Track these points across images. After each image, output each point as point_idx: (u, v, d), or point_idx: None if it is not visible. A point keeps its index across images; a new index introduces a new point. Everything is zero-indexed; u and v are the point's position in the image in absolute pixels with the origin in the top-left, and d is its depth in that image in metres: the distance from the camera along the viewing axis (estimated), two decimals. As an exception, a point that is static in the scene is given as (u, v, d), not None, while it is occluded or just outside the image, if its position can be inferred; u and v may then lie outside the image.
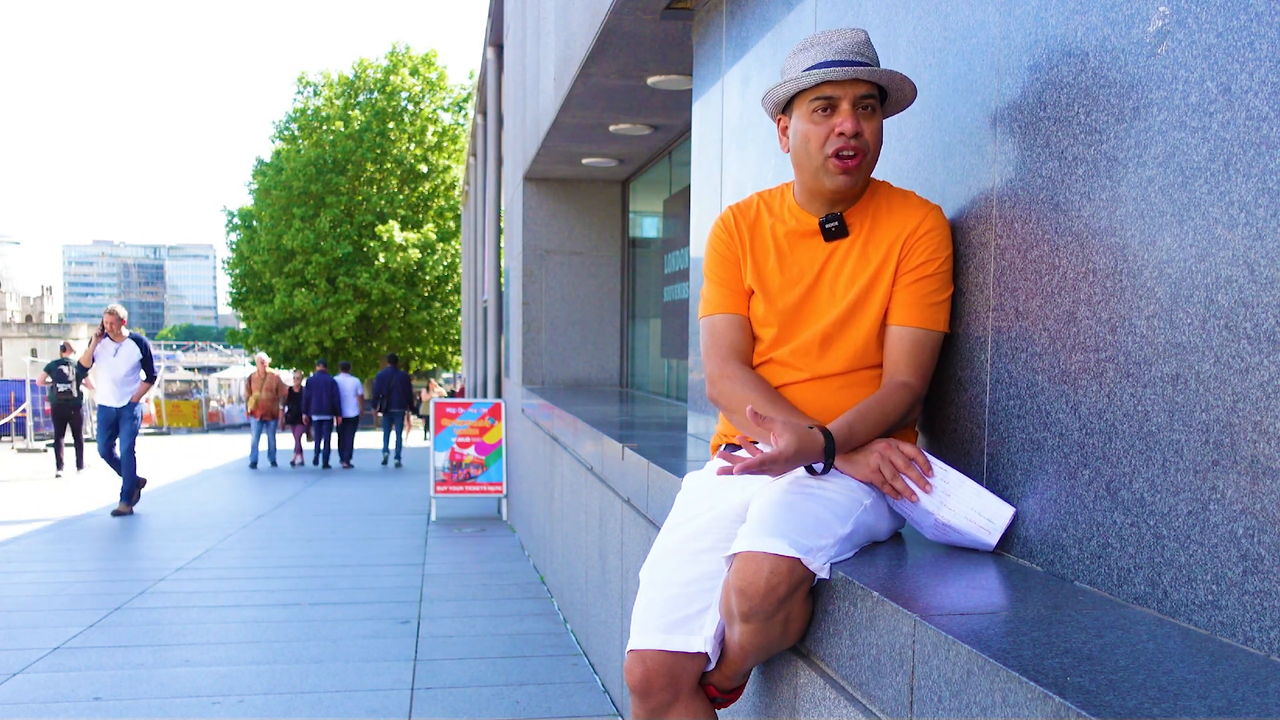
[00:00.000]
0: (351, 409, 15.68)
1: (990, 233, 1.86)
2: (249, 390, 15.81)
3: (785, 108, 1.98)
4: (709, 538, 1.92)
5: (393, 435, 15.95)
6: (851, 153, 1.87)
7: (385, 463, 15.76)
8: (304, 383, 16.00)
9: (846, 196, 1.95)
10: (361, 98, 31.66)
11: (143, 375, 9.29)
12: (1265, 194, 1.24)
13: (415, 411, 19.74)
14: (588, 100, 5.96)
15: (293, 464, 15.67)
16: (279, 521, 9.54)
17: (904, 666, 1.46)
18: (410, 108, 31.89)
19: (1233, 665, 1.21)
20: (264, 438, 15.61)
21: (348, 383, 15.82)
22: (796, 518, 1.72)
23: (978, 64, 1.91)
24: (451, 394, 24.73)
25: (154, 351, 9.74)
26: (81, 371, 14.38)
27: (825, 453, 1.79)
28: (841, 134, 1.86)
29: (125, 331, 9.25)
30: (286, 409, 15.92)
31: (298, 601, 6.02)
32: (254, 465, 15.32)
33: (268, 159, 31.91)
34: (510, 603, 6.01)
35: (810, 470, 1.84)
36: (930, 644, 1.38)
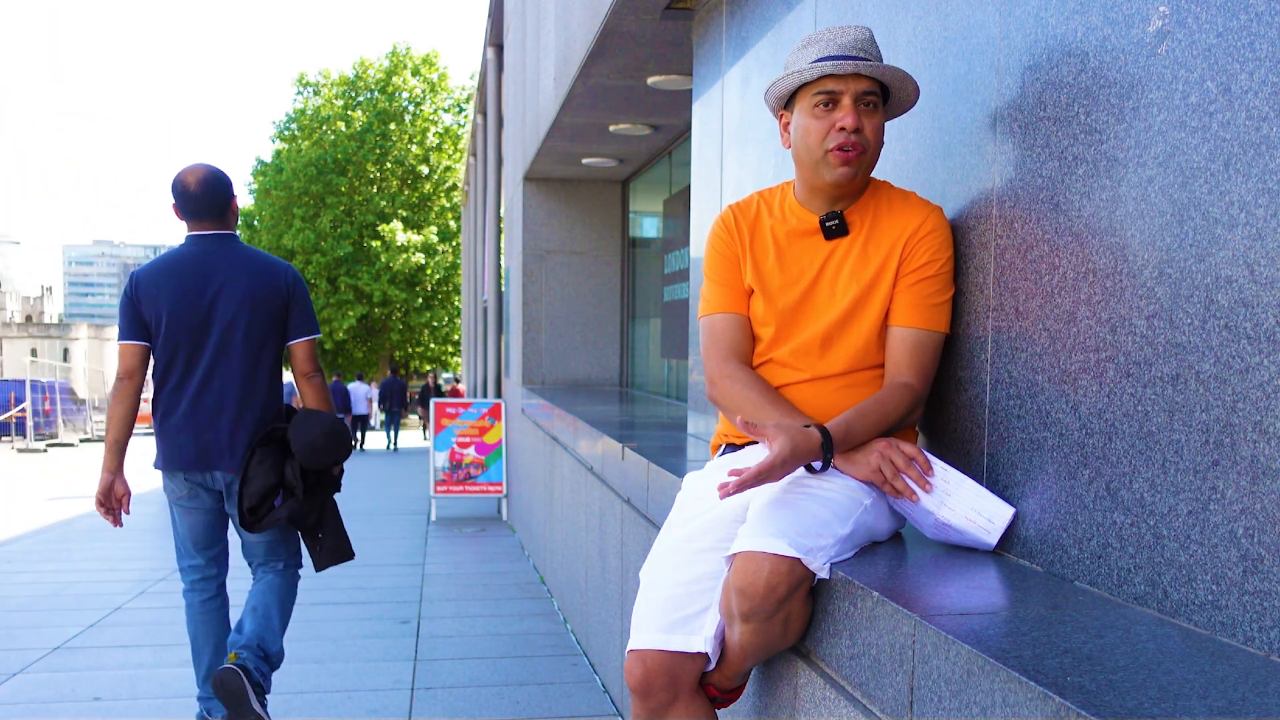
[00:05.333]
0: (362, 409, 19.98)
1: (990, 233, 1.86)
2: None
3: (787, 104, 1.98)
4: (709, 538, 1.92)
5: (393, 429, 20.52)
6: (851, 148, 1.87)
7: (390, 450, 19.72)
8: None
9: (847, 191, 1.95)
10: (362, 98, 31.63)
11: None
12: (1265, 194, 1.24)
13: (412, 403, 23.40)
14: (588, 100, 5.96)
15: None
16: (279, 521, 9.53)
17: (904, 666, 1.46)
18: (411, 109, 31.86)
19: (1233, 665, 1.21)
20: None
21: (359, 388, 20.08)
22: (796, 518, 1.72)
23: (978, 64, 1.91)
24: (440, 393, 25.27)
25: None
26: None
27: (823, 450, 1.79)
28: (842, 129, 1.85)
29: None
30: None
31: (298, 601, 6.01)
32: None
33: (268, 159, 31.90)
34: (510, 603, 6.01)
35: (809, 468, 1.83)
36: (930, 644, 1.38)
